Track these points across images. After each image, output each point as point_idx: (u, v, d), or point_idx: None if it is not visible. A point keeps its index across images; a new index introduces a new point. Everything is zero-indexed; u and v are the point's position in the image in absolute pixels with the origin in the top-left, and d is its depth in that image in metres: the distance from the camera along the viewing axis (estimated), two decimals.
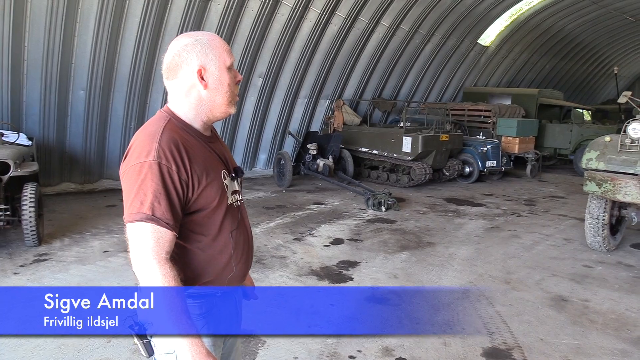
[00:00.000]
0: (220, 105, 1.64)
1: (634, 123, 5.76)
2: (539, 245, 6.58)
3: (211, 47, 1.60)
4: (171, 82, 1.63)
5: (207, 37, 1.62)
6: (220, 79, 1.61)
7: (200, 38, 1.61)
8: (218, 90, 1.61)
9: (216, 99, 1.62)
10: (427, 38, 13.54)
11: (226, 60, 1.61)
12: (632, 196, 5.41)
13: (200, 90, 1.60)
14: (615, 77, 16.73)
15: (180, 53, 1.59)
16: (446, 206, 8.90)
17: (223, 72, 1.61)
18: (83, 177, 9.15)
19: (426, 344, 3.80)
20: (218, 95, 1.62)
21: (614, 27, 18.84)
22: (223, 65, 1.61)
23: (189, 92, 1.61)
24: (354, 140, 11.42)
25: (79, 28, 7.82)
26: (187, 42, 1.60)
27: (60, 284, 4.72)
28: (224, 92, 1.62)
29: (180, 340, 1.43)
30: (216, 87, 1.61)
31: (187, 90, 1.61)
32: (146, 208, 1.45)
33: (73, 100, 8.43)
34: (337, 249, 6.18)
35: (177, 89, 1.63)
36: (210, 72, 1.59)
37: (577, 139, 13.71)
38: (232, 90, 1.65)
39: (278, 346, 3.69)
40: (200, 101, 1.62)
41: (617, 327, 4.20)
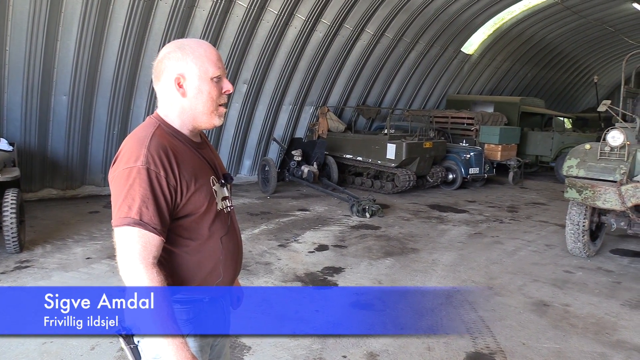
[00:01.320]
0: (202, 115, 1.63)
1: (613, 131, 5.88)
2: (521, 251, 6.67)
3: (193, 56, 1.59)
4: (157, 87, 1.65)
5: (193, 45, 1.62)
6: (200, 88, 1.60)
7: (185, 46, 1.61)
8: (198, 100, 1.61)
9: (197, 107, 1.62)
10: (411, 46, 13.68)
11: (208, 70, 1.60)
12: (611, 203, 5.51)
13: (179, 98, 1.61)
14: (595, 86, 17.06)
15: (163, 60, 1.61)
16: (430, 212, 8.98)
17: (204, 81, 1.60)
18: (65, 183, 9.04)
19: (410, 349, 3.83)
20: (199, 105, 1.62)
21: (594, 36, 19.23)
22: (204, 75, 1.60)
23: (171, 99, 1.62)
24: (339, 146, 11.46)
25: (62, 32, 7.74)
26: (170, 49, 1.61)
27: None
28: (203, 102, 1.61)
29: (166, 345, 1.43)
30: (195, 96, 1.60)
31: (169, 97, 1.62)
32: (134, 213, 1.45)
33: (55, 105, 8.33)
34: (321, 255, 6.19)
35: (160, 93, 1.65)
36: (189, 80, 1.59)
37: (558, 147, 13.94)
38: (215, 100, 1.63)
39: (263, 351, 3.69)
40: (182, 109, 1.62)
41: (597, 331, 4.27)
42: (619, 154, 5.81)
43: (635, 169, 5.75)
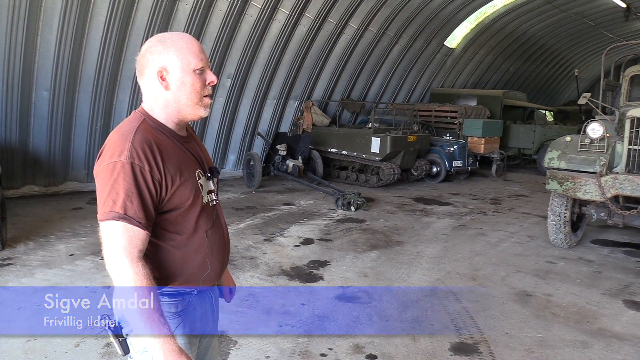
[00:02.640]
0: (187, 107, 1.64)
1: (593, 124, 5.98)
2: (504, 243, 6.76)
3: (175, 49, 1.59)
4: (141, 82, 1.65)
5: (174, 38, 1.62)
6: (182, 80, 1.60)
7: (167, 40, 1.61)
8: (181, 92, 1.61)
9: (181, 100, 1.62)
10: (395, 40, 13.73)
11: (190, 62, 1.60)
12: (591, 194, 5.60)
13: (163, 91, 1.61)
14: (576, 79, 17.19)
15: (145, 54, 1.61)
16: (414, 205, 9.04)
17: (186, 73, 1.60)
18: (47, 180, 8.92)
19: (396, 340, 3.87)
20: (182, 97, 1.62)
21: (575, 30, 19.46)
22: (187, 67, 1.60)
23: (155, 93, 1.63)
24: (323, 141, 11.48)
25: (42, 26, 7.62)
26: (152, 43, 1.61)
27: (25, 289, 4.61)
28: (187, 94, 1.62)
29: (152, 338, 1.44)
30: (178, 88, 1.61)
31: (153, 91, 1.63)
32: (118, 207, 1.46)
33: (36, 100, 8.21)
34: (307, 249, 6.21)
35: (146, 89, 1.65)
36: (171, 73, 1.59)
37: (540, 139, 14.12)
38: (199, 92, 1.64)
39: (249, 345, 3.70)
40: (166, 102, 1.63)
41: (578, 319, 4.35)
42: (598, 146, 5.91)
43: (615, 161, 5.86)
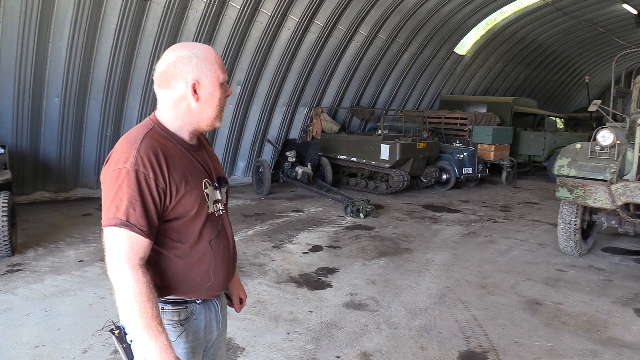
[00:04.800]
0: (208, 119, 1.66)
1: (603, 131, 5.92)
2: (514, 250, 6.70)
3: (207, 62, 1.61)
4: (163, 91, 1.64)
5: (203, 51, 1.63)
6: (212, 93, 1.63)
7: (197, 52, 1.62)
8: (209, 105, 1.64)
9: (205, 112, 1.64)
10: (405, 47, 13.72)
11: (220, 76, 1.63)
12: (601, 202, 5.54)
13: (192, 102, 1.62)
14: (586, 86, 17.13)
15: (176, 64, 1.60)
16: (424, 213, 9.00)
17: (216, 87, 1.63)
18: (58, 186, 9.00)
19: (404, 348, 3.84)
20: (208, 109, 1.64)
21: (585, 37, 19.34)
22: (216, 81, 1.63)
23: (179, 102, 1.62)
24: (333, 147, 11.48)
25: (54, 34, 7.71)
26: (184, 54, 1.60)
27: (34, 295, 4.64)
28: (214, 107, 1.65)
29: (150, 346, 1.43)
30: (207, 101, 1.63)
31: (177, 101, 1.62)
32: (121, 213, 1.46)
33: (47, 107, 8.30)
34: (315, 256, 6.19)
35: (167, 98, 1.63)
36: (203, 86, 1.61)
37: (551, 146, 14.01)
38: (222, 104, 1.68)
39: (257, 353, 3.69)
40: (189, 112, 1.63)
41: (588, 328, 4.30)
42: (609, 153, 5.85)
43: (626, 168, 5.80)
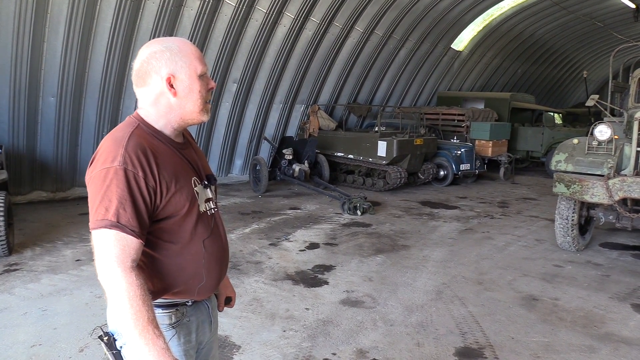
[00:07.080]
0: (191, 113, 1.61)
1: (601, 125, 5.91)
2: (511, 246, 6.70)
3: (181, 55, 1.56)
4: (140, 90, 1.60)
5: (177, 44, 1.59)
6: (190, 86, 1.58)
7: (170, 45, 1.57)
8: (188, 98, 1.59)
9: (186, 106, 1.59)
10: (401, 43, 13.70)
11: (197, 68, 1.58)
12: (599, 197, 5.53)
13: (170, 97, 1.57)
14: (584, 81, 17.17)
15: (149, 60, 1.56)
16: (421, 209, 9.00)
17: (193, 79, 1.58)
18: (55, 185, 8.98)
19: (400, 345, 3.83)
20: (189, 103, 1.59)
21: (583, 32, 19.32)
22: (193, 73, 1.58)
23: (158, 99, 1.58)
24: (330, 145, 11.47)
25: (49, 33, 7.67)
26: (156, 49, 1.56)
27: (31, 294, 4.63)
28: (194, 100, 1.59)
29: (147, 351, 1.37)
30: (186, 95, 1.58)
31: (156, 98, 1.58)
32: (111, 215, 1.40)
33: (43, 106, 8.26)
34: (312, 254, 6.19)
35: (146, 96, 1.59)
36: (179, 79, 1.56)
37: (549, 142, 14.02)
38: (204, 97, 1.62)
39: (253, 351, 3.68)
40: (170, 108, 1.59)
41: (586, 324, 4.30)
42: (606, 148, 5.84)
43: (623, 163, 5.79)
